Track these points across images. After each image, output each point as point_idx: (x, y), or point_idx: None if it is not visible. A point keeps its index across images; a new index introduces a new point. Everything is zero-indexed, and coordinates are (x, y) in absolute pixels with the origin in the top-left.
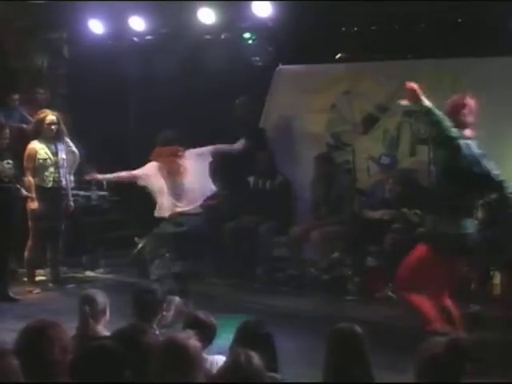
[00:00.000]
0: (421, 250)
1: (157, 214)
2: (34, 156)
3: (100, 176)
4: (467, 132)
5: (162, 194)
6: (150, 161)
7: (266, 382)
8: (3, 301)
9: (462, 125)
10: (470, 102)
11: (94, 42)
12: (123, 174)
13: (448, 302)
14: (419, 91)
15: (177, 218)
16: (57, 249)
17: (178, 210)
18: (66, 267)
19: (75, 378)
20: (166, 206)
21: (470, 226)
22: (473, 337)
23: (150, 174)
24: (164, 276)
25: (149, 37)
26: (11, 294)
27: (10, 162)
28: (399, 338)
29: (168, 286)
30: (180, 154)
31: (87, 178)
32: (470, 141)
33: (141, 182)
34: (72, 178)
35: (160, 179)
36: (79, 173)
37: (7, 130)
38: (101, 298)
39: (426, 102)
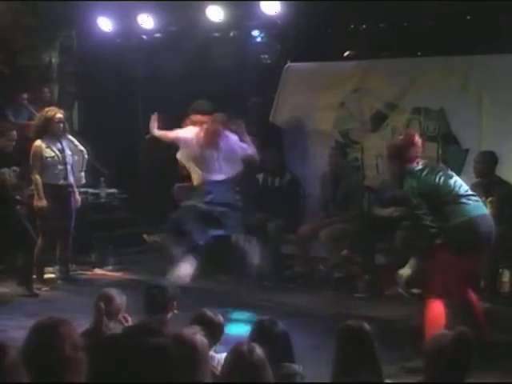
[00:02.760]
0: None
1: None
2: (40, 154)
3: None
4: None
5: (195, 161)
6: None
7: (278, 382)
8: (29, 296)
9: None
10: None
11: (102, 39)
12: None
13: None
14: None
15: (204, 187)
16: (66, 246)
17: (206, 178)
18: (75, 265)
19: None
20: (197, 174)
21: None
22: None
23: (190, 137)
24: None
25: (157, 35)
26: (35, 290)
27: (16, 169)
28: (409, 335)
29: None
30: (221, 122)
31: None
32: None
33: (181, 145)
34: (83, 174)
35: (195, 145)
36: (90, 170)
37: (14, 132)
38: (118, 297)
39: None
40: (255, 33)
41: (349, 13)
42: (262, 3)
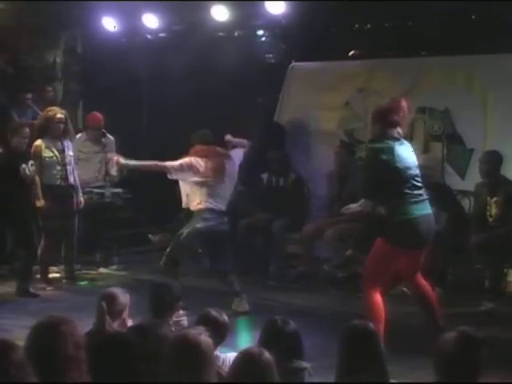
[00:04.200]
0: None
1: (186, 205)
2: (39, 154)
3: (132, 162)
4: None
5: (198, 187)
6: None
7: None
8: (25, 296)
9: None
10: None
11: (107, 39)
12: (159, 164)
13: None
14: None
15: (205, 213)
16: (71, 246)
17: (210, 205)
18: (80, 264)
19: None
20: (197, 199)
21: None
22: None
23: (191, 167)
24: None
25: (162, 34)
26: (32, 290)
27: (32, 162)
28: (413, 335)
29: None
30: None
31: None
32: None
33: (176, 175)
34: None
35: (198, 174)
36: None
37: (27, 129)
38: (122, 296)
39: None
40: (260, 32)
41: (353, 12)
42: (266, 3)
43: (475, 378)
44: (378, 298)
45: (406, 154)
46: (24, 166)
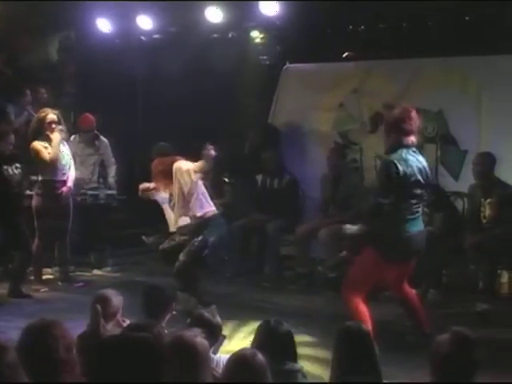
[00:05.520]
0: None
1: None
2: (37, 154)
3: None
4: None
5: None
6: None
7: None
8: (17, 297)
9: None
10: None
11: (101, 40)
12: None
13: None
14: None
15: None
16: (64, 247)
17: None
18: (74, 266)
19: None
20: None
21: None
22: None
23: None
24: None
25: (156, 35)
26: (24, 291)
27: (18, 165)
28: (407, 336)
29: None
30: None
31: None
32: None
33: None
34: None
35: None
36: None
37: (13, 136)
38: (115, 299)
39: None
40: (254, 34)
41: (348, 13)
42: (260, 4)
43: (470, 377)
44: (360, 301)
45: (417, 166)
46: (6, 167)
